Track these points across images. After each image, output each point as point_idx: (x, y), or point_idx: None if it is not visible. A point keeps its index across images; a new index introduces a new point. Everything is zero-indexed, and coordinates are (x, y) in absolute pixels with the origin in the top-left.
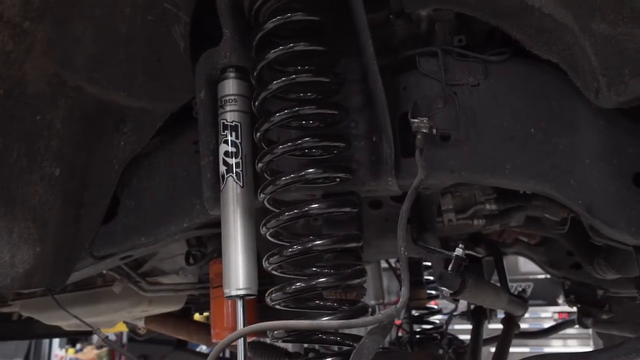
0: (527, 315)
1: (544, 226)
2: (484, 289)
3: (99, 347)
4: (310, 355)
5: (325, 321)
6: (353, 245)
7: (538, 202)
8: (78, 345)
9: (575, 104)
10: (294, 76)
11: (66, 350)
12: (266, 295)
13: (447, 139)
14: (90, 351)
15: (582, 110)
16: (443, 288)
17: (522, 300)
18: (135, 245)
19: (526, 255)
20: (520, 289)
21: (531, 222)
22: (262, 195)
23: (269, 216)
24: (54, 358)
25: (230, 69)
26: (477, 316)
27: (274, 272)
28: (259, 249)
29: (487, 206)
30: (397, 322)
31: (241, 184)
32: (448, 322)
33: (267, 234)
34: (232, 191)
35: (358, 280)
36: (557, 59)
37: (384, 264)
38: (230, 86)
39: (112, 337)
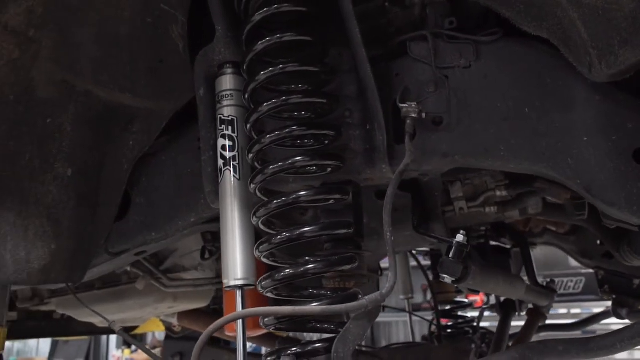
0: (579, 310)
1: (567, 214)
2: (493, 277)
3: (153, 347)
4: None
5: (307, 307)
6: (343, 232)
7: (538, 184)
8: (134, 346)
9: (570, 80)
10: (281, 66)
11: (122, 351)
12: (257, 282)
13: (439, 123)
14: None
15: (577, 86)
16: (444, 275)
17: (549, 291)
18: (147, 240)
19: (556, 245)
20: (566, 282)
21: (553, 209)
22: (252, 185)
23: (258, 205)
24: (111, 358)
25: (227, 65)
26: (506, 308)
27: (265, 261)
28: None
29: (498, 193)
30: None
31: (238, 177)
32: (480, 315)
33: (259, 223)
34: (229, 184)
35: (348, 267)
36: (547, 35)
37: (412, 262)
38: (227, 82)
39: (161, 338)
